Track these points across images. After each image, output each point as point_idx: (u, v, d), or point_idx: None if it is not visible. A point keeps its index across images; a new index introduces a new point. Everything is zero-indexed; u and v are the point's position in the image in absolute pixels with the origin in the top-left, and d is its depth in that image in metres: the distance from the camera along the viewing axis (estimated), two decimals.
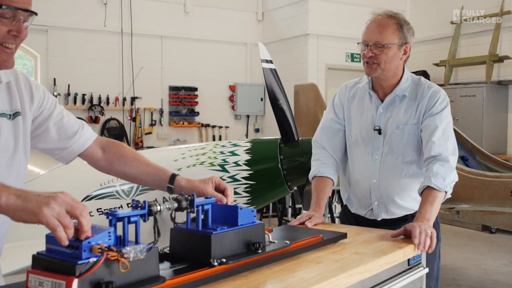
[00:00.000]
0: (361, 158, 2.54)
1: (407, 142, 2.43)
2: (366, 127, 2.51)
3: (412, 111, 2.44)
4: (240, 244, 1.64)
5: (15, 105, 1.68)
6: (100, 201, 3.55)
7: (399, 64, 2.45)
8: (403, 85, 2.47)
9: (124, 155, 1.93)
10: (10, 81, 1.68)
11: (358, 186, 2.57)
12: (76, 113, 7.92)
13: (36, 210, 1.21)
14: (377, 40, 2.36)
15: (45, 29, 7.68)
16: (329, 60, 8.75)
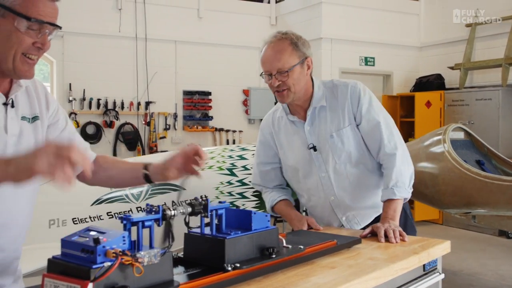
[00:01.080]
0: (308, 184, 2.51)
1: (347, 146, 2.41)
2: (302, 151, 2.48)
3: (339, 114, 2.42)
4: (254, 249, 1.63)
5: (34, 109, 1.73)
6: (110, 204, 3.56)
7: (307, 80, 2.41)
8: (317, 95, 2.44)
9: (106, 161, 1.97)
10: (29, 86, 1.73)
11: (318, 210, 2.55)
12: (91, 117, 7.99)
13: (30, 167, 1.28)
14: (279, 67, 2.31)
15: (61, 34, 7.74)
16: (343, 64, 8.73)
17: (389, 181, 2.32)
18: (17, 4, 1.51)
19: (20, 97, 1.69)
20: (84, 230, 1.32)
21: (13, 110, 1.64)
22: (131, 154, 8.28)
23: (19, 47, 1.54)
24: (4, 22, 1.52)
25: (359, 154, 2.42)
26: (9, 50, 1.53)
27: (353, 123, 2.41)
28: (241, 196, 3.69)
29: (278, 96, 2.39)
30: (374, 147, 2.40)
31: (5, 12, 1.51)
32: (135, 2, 8.31)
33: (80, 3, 7.92)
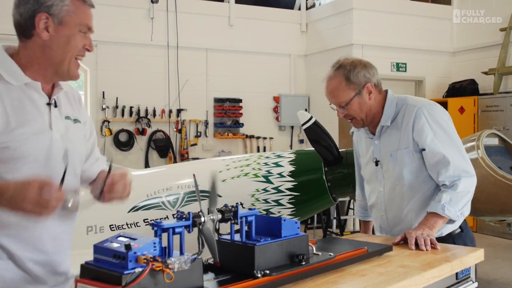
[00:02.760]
0: (371, 195, 2.61)
1: (398, 168, 2.40)
2: (369, 162, 2.57)
3: (400, 135, 2.41)
4: (284, 255, 1.64)
5: (75, 112, 1.92)
6: (147, 211, 3.61)
7: (372, 104, 2.43)
8: (387, 114, 2.46)
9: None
10: (68, 92, 1.92)
11: (375, 221, 2.64)
12: (123, 125, 8.10)
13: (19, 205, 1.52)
14: (337, 103, 2.43)
15: (94, 44, 7.84)
16: None
17: (442, 198, 2.27)
18: (70, 12, 1.74)
19: (62, 99, 1.86)
20: (116, 236, 1.34)
21: (56, 110, 1.80)
22: (162, 161, 8.36)
23: (75, 50, 1.77)
24: (62, 29, 1.73)
25: (413, 178, 2.39)
26: (67, 54, 1.75)
27: (411, 147, 2.38)
28: (277, 204, 3.69)
29: (351, 123, 2.52)
30: (436, 175, 2.36)
31: (62, 19, 1.73)
32: (167, 11, 8.42)
33: (113, 13, 8.05)
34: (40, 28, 1.71)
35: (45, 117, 1.75)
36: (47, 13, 1.71)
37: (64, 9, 1.72)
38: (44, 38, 1.72)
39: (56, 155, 1.75)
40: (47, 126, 1.75)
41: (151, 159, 8.34)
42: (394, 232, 2.46)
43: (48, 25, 1.72)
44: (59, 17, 1.72)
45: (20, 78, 1.71)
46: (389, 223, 2.48)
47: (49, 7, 1.71)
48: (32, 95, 1.74)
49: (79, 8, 1.77)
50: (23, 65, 1.74)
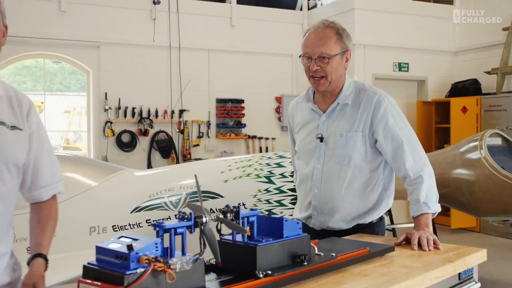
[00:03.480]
0: (304, 171, 2.52)
1: (351, 149, 2.39)
2: (309, 138, 2.51)
3: (356, 117, 2.41)
4: (286, 256, 1.64)
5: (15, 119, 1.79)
6: (149, 212, 3.62)
7: (342, 73, 2.44)
8: (345, 92, 2.46)
9: (35, 217, 1.92)
10: (12, 98, 1.81)
11: (301, 197, 2.59)
12: (126, 126, 8.11)
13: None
14: (321, 52, 2.35)
15: (97, 45, 7.91)
16: (376, 70, 8.66)
17: (419, 196, 2.31)
18: None
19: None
20: (118, 237, 1.35)
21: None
22: (165, 162, 8.36)
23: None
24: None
25: (359, 162, 2.40)
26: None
27: (367, 132, 2.39)
28: (279, 204, 3.70)
29: (313, 82, 2.43)
30: (398, 165, 2.38)
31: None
32: (169, 12, 8.42)
33: (115, 14, 8.07)
34: None
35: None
36: None
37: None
38: None
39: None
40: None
41: (153, 160, 8.35)
42: (324, 210, 2.43)
43: None
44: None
45: None
46: (322, 200, 2.43)
47: None
48: None
49: None
50: None
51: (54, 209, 1.96)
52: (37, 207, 1.91)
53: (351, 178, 2.40)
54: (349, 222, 2.44)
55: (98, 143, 8.04)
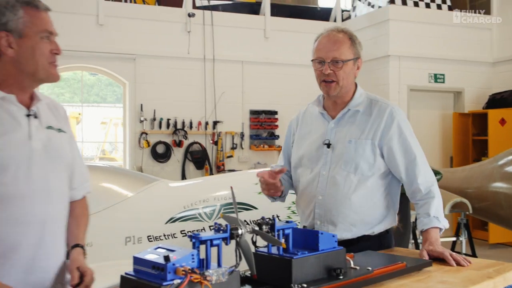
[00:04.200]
0: (307, 177, 2.44)
1: (359, 156, 2.33)
2: (315, 144, 2.44)
3: (367, 125, 2.37)
4: (321, 269, 1.63)
5: (59, 124, 1.94)
6: (184, 223, 3.64)
7: (352, 80, 2.42)
8: (357, 99, 2.42)
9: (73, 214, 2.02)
10: (50, 104, 1.96)
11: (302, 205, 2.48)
12: (161, 137, 8.20)
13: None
14: (335, 56, 2.33)
15: (133, 57, 8.05)
16: (411, 81, 8.56)
17: (430, 211, 2.27)
18: (27, 22, 1.75)
19: (43, 110, 1.88)
20: (155, 248, 1.36)
21: (36, 120, 1.83)
22: (199, 173, 8.42)
23: (43, 58, 1.79)
24: (24, 41, 1.76)
25: (366, 171, 2.34)
26: (37, 63, 1.78)
27: (377, 141, 2.35)
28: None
29: (324, 86, 2.38)
30: (410, 180, 2.35)
31: (21, 32, 1.74)
32: (204, 24, 8.52)
33: (151, 27, 8.20)
34: (3, 46, 1.75)
35: (25, 127, 1.79)
36: (5, 31, 1.74)
37: (20, 22, 1.74)
38: (10, 55, 1.76)
39: (38, 163, 1.79)
40: (26, 136, 1.78)
41: (187, 171, 8.41)
42: (327, 218, 2.35)
43: (9, 41, 1.75)
44: (18, 31, 1.74)
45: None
46: (326, 207, 2.35)
47: (5, 25, 1.74)
48: (9, 107, 1.78)
49: (34, 16, 1.77)
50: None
51: (86, 207, 2.09)
52: (71, 206, 2.01)
53: (357, 186, 2.33)
54: (354, 232, 2.35)
55: (133, 154, 8.15)
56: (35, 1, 1.78)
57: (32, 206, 1.76)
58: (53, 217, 1.84)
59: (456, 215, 6.60)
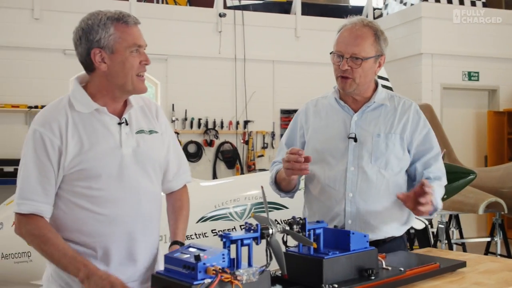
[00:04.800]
0: (331, 173, 2.29)
1: (388, 152, 2.24)
2: (338, 137, 2.31)
3: (394, 119, 2.29)
4: (353, 269, 1.62)
5: (151, 124, 2.06)
6: (215, 222, 3.66)
7: (372, 77, 2.30)
8: (381, 94, 2.32)
9: (173, 206, 2.20)
10: (143, 106, 2.08)
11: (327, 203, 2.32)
12: (192, 137, 8.26)
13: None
14: (354, 52, 2.20)
15: (164, 58, 8.12)
16: (445, 79, 8.42)
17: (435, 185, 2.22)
18: (117, 38, 1.89)
19: (135, 115, 2.02)
20: (186, 247, 1.37)
21: (127, 127, 1.97)
22: (230, 173, 8.45)
23: (133, 70, 1.91)
24: (115, 56, 1.89)
25: (396, 166, 2.26)
26: (127, 75, 1.91)
27: (405, 136, 2.28)
28: None
29: (340, 81, 2.28)
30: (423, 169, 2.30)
31: (112, 48, 1.88)
32: (234, 24, 8.55)
33: (182, 28, 8.27)
34: (97, 62, 1.89)
35: (116, 136, 1.93)
36: (99, 47, 1.88)
37: (111, 39, 1.88)
38: (103, 69, 1.90)
39: (128, 168, 1.93)
40: (118, 144, 1.93)
41: (218, 170, 8.45)
42: (361, 216, 2.24)
43: (103, 57, 1.89)
44: (110, 47, 1.88)
45: (89, 105, 1.92)
46: (359, 205, 2.24)
47: (98, 42, 1.88)
48: (102, 118, 1.93)
49: (125, 32, 1.90)
50: (92, 93, 1.94)
51: (185, 198, 2.22)
52: (170, 198, 2.19)
53: (388, 182, 2.25)
54: (385, 231, 2.27)
55: None
56: (124, 18, 1.91)
57: (124, 208, 1.91)
58: (144, 216, 1.97)
59: (491, 215, 6.48)
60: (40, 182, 1.85)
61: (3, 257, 4.02)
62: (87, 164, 1.87)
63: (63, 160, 1.86)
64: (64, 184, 1.89)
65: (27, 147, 1.89)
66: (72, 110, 1.91)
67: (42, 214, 1.86)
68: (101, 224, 1.89)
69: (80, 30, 1.91)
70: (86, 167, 1.86)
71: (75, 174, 1.87)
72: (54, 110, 1.92)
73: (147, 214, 1.99)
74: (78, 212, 1.89)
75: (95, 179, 1.87)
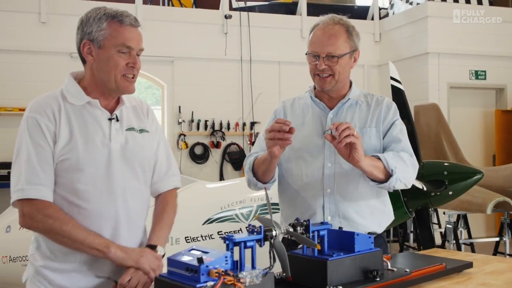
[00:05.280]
0: (307, 170, 2.28)
1: (366, 145, 2.20)
2: (314, 135, 2.31)
3: (368, 114, 2.31)
4: (357, 271, 1.61)
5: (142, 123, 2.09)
6: (221, 224, 3.66)
7: (348, 72, 2.34)
8: (355, 92, 2.36)
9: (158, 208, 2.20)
10: (136, 106, 2.11)
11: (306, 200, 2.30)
12: (199, 138, 8.27)
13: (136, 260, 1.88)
14: (330, 51, 2.24)
15: (171, 60, 8.14)
16: (451, 78, 8.39)
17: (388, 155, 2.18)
18: (107, 35, 1.91)
19: (126, 113, 2.04)
20: (189, 250, 1.37)
21: (117, 123, 1.99)
22: (236, 174, 8.45)
23: (116, 70, 1.92)
24: (102, 52, 1.92)
25: None
26: (110, 73, 1.92)
27: (379, 130, 2.29)
28: None
29: (319, 80, 2.31)
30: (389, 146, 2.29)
31: (101, 43, 1.91)
32: (240, 25, 8.55)
33: (188, 30, 8.28)
34: (85, 53, 1.94)
35: (106, 130, 1.95)
36: (89, 40, 1.92)
37: (101, 34, 1.91)
38: (90, 62, 1.95)
39: (115, 164, 1.95)
40: (107, 138, 1.95)
41: (225, 172, 8.46)
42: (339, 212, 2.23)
43: (91, 50, 1.93)
44: (98, 41, 1.91)
45: (81, 98, 1.95)
46: (337, 200, 2.23)
47: (89, 34, 1.92)
48: (94, 112, 1.96)
49: (116, 31, 1.92)
50: (85, 86, 1.98)
51: (169, 202, 2.19)
52: (156, 201, 2.18)
53: (365, 177, 2.20)
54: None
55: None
56: (120, 17, 1.93)
57: (109, 203, 1.93)
58: (128, 213, 1.98)
59: (499, 214, 6.44)
60: (41, 167, 1.87)
61: (11, 260, 4.04)
62: (75, 153, 1.88)
63: (56, 146, 1.88)
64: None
65: (22, 134, 1.89)
66: (65, 101, 1.94)
67: (48, 198, 1.87)
68: (85, 218, 1.89)
69: (80, 21, 1.96)
70: (73, 157, 1.87)
71: (63, 163, 1.88)
72: (47, 99, 1.94)
73: (132, 211, 1.99)
74: (63, 205, 1.89)
75: (81, 171, 1.88)
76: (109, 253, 1.85)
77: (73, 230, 1.84)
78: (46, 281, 1.92)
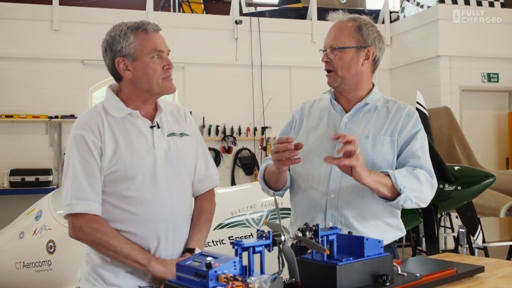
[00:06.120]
0: (315, 172, 2.21)
1: (377, 153, 2.14)
2: (326, 137, 2.22)
3: (386, 122, 2.19)
4: (367, 276, 1.60)
5: (181, 127, 2.18)
6: (232, 229, 3.66)
7: (360, 70, 2.19)
8: (375, 96, 2.24)
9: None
10: (173, 110, 2.20)
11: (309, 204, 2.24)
12: (210, 144, 8.29)
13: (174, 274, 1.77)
14: (331, 43, 2.19)
15: (182, 66, 8.17)
16: (463, 81, 8.33)
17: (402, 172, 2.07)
18: (137, 46, 2.00)
19: (165, 119, 2.13)
20: (198, 255, 1.37)
21: (159, 130, 2.08)
22: (248, 179, 8.45)
23: (156, 75, 2.02)
24: (138, 63, 2.00)
25: (384, 168, 2.13)
26: (151, 80, 2.02)
27: (395, 139, 2.17)
28: None
29: (327, 76, 2.27)
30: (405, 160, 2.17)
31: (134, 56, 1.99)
32: (251, 31, 8.57)
33: (199, 35, 8.32)
34: (121, 70, 2.02)
35: (149, 138, 2.04)
36: (122, 56, 2.00)
37: (132, 47, 1.99)
38: (128, 76, 2.02)
39: (161, 169, 2.03)
40: (151, 146, 2.03)
41: (237, 177, 8.47)
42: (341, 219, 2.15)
43: (126, 65, 2.01)
44: (131, 55, 1.99)
45: (122, 110, 2.04)
46: (339, 207, 2.15)
47: (121, 51, 1.99)
48: (135, 122, 2.05)
49: (144, 39, 2.01)
50: (124, 99, 2.06)
51: (206, 204, 2.27)
52: (195, 202, 2.25)
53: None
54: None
55: None
56: (143, 26, 2.03)
57: (157, 208, 2.01)
58: (175, 217, 2.07)
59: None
60: (89, 182, 1.95)
61: (24, 266, 4.08)
62: (122, 164, 1.97)
63: (103, 160, 1.96)
64: (102, 186, 1.98)
65: (71, 151, 1.98)
66: (107, 115, 2.02)
67: (96, 212, 1.96)
68: (137, 224, 1.98)
69: (105, 42, 2.03)
70: (121, 168, 1.96)
71: (112, 175, 1.97)
72: (90, 115, 2.03)
73: (179, 215, 2.08)
74: (115, 213, 1.98)
75: (130, 180, 1.97)
76: (150, 267, 1.96)
77: (118, 245, 1.94)
78: (101, 279, 2.01)
